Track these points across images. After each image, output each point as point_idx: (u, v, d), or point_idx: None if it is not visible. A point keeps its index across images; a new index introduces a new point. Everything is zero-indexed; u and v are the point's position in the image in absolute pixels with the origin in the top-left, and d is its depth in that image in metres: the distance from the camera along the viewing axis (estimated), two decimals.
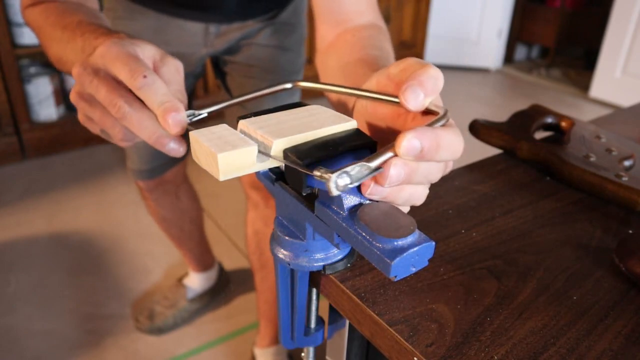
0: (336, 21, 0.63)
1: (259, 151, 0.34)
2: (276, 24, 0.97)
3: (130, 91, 0.41)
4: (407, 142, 0.29)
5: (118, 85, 0.41)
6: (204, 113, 0.43)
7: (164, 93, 0.39)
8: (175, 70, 0.44)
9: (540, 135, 0.68)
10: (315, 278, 0.42)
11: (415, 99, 0.34)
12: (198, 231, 1.39)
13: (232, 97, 0.45)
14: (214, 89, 2.63)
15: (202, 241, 1.43)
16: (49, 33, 0.56)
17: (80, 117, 0.45)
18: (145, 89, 0.39)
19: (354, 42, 0.59)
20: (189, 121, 0.41)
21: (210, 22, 0.91)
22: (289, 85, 0.46)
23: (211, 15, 0.90)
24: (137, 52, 0.42)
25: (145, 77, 0.39)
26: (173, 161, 1.14)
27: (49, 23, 0.56)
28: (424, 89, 0.34)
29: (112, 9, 0.90)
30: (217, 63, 1.05)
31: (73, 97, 0.43)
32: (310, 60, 3.16)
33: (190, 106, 1.11)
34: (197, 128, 0.38)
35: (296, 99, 1.04)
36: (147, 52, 0.44)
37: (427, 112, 0.35)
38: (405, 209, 0.35)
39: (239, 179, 0.35)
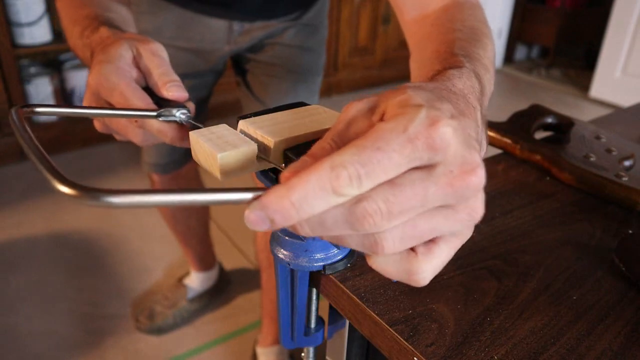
0: (419, 7, 0.57)
1: (259, 151, 0.34)
2: (299, 25, 0.97)
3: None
4: (250, 214, 0.23)
5: (126, 120, 0.46)
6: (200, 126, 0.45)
7: (158, 130, 0.43)
8: (151, 55, 0.47)
9: (540, 135, 0.68)
10: (315, 278, 0.42)
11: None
12: (203, 229, 1.40)
13: (252, 95, 0.48)
14: (216, 89, 2.63)
15: (206, 240, 1.44)
16: (66, 26, 0.59)
17: (117, 137, 0.49)
18: (144, 128, 0.44)
19: (431, 32, 0.51)
20: (188, 120, 0.44)
21: (233, 20, 0.92)
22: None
23: (235, 13, 0.90)
24: (119, 70, 0.45)
25: (136, 121, 0.43)
26: (189, 157, 1.14)
27: (67, 17, 0.60)
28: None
29: (136, 4, 0.91)
30: (238, 60, 1.06)
31: (99, 128, 0.48)
32: (336, 68, 3.16)
33: (207, 103, 1.12)
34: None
35: (315, 99, 1.05)
36: (125, 58, 0.46)
37: None
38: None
39: (251, 177, 0.35)
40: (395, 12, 0.60)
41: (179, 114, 0.43)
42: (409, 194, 0.23)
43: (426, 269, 0.26)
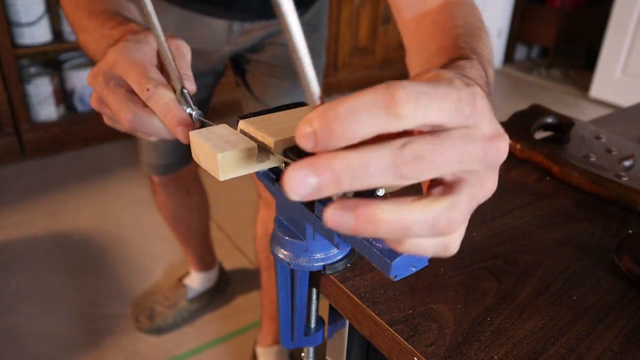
0: (418, 4, 0.57)
1: (259, 151, 0.34)
2: (299, 25, 0.97)
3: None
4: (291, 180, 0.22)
5: (127, 94, 0.42)
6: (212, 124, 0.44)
7: (166, 103, 0.41)
8: (175, 49, 0.46)
9: (540, 135, 0.68)
10: (315, 278, 0.42)
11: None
12: (204, 230, 1.40)
13: (252, 95, 0.47)
14: (216, 89, 2.63)
15: (207, 240, 1.44)
16: (77, 21, 0.58)
17: (105, 119, 0.47)
18: (150, 101, 0.41)
19: (433, 29, 0.52)
20: (198, 117, 0.42)
21: (234, 20, 0.91)
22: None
23: (235, 13, 0.90)
24: (143, 52, 0.44)
25: (148, 90, 0.40)
26: (189, 158, 1.14)
27: (78, 10, 0.58)
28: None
29: (138, 5, 0.91)
30: (238, 61, 1.06)
31: (93, 103, 0.46)
32: (336, 68, 3.16)
33: (208, 104, 1.12)
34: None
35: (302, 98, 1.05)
36: (151, 44, 0.45)
37: None
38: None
39: (251, 177, 0.35)
40: (392, 11, 0.60)
41: (189, 111, 0.43)
42: (451, 147, 0.23)
43: (458, 237, 0.27)
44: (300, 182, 0.22)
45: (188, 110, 0.42)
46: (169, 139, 0.44)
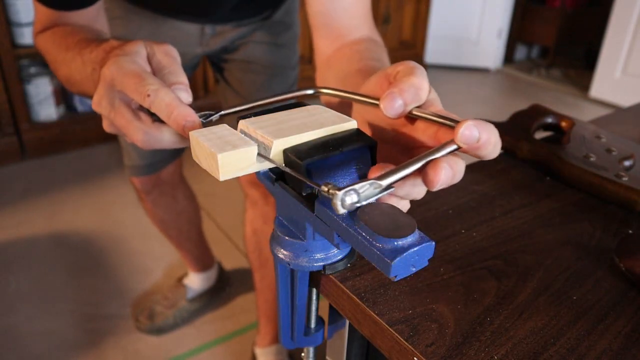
0: (333, 36, 0.65)
1: (259, 151, 0.34)
2: (270, 23, 0.99)
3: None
4: (467, 130, 0.30)
5: (133, 114, 0.43)
6: (217, 116, 0.44)
7: (167, 104, 0.41)
8: (164, 54, 0.46)
9: (540, 135, 0.68)
10: (315, 278, 0.42)
11: (392, 107, 0.35)
12: (196, 232, 1.39)
13: (231, 88, 0.47)
14: (214, 89, 2.63)
15: (201, 241, 1.43)
16: (55, 56, 0.58)
17: (105, 126, 0.47)
18: (153, 107, 0.41)
19: (352, 54, 0.60)
20: (203, 120, 0.42)
21: (206, 23, 0.93)
22: (310, 91, 0.46)
23: (207, 17, 0.91)
24: (136, 62, 0.44)
25: (149, 95, 0.41)
26: (170, 157, 1.14)
27: (54, 46, 0.59)
28: (403, 98, 0.35)
29: (108, 9, 0.91)
30: (214, 60, 1.07)
31: (106, 128, 0.47)
32: (311, 61, 3.17)
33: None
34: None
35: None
36: (141, 54, 0.45)
37: (441, 120, 0.34)
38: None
39: (237, 177, 0.35)
40: (312, 35, 0.67)
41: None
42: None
43: None
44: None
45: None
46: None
